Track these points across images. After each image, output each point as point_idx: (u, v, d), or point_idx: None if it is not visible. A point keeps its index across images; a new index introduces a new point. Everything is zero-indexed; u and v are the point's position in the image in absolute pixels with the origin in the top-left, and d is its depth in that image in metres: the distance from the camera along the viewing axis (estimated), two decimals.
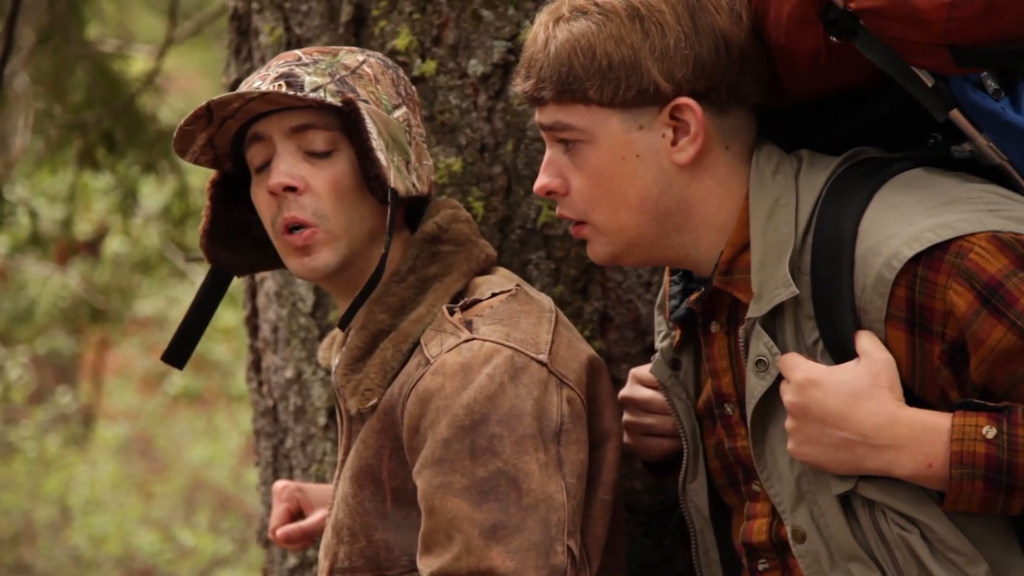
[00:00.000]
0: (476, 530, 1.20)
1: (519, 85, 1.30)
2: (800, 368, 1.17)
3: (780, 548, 1.28)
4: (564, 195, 1.26)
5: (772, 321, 1.23)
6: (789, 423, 1.18)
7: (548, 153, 1.27)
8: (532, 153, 1.58)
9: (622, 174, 1.24)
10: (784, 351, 1.21)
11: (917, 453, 1.15)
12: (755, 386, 1.23)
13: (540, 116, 1.28)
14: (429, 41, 1.56)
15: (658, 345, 1.43)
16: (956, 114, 1.21)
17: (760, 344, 1.21)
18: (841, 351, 1.18)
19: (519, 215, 1.53)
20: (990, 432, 1.08)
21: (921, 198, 1.18)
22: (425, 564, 1.23)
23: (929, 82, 1.20)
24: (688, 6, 1.22)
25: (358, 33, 1.57)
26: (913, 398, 1.17)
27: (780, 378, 1.20)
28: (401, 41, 1.53)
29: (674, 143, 1.21)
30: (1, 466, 5.69)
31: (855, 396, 1.15)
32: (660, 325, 1.45)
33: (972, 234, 1.12)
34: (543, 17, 1.27)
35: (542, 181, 1.27)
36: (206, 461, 5.54)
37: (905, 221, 1.15)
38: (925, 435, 1.14)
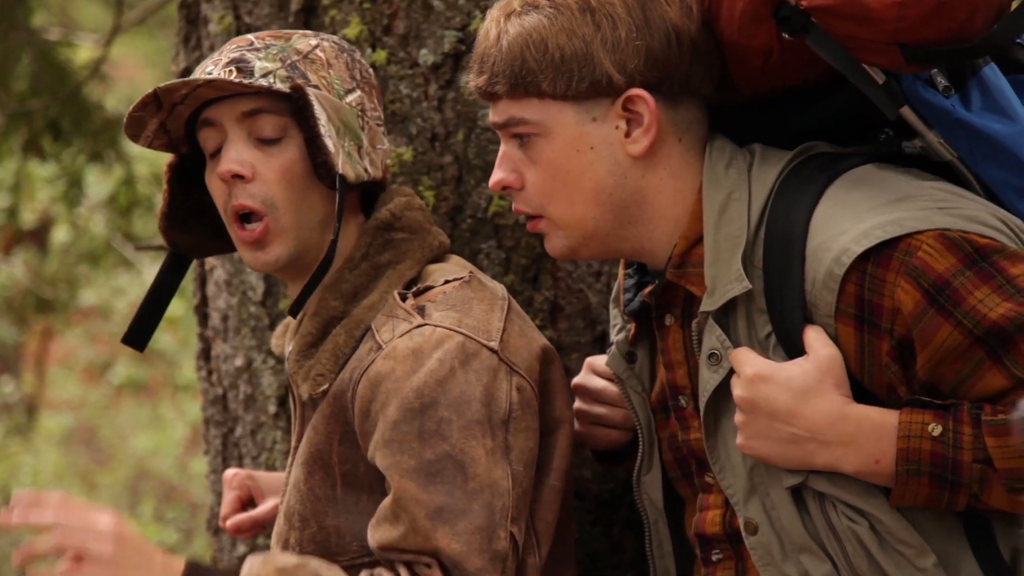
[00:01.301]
0: (423, 511, 1.20)
1: (472, 81, 1.29)
2: (750, 363, 1.17)
3: (734, 539, 1.27)
4: (519, 190, 1.25)
5: (725, 315, 1.23)
6: (738, 417, 1.18)
7: (503, 148, 1.26)
8: (483, 143, 1.57)
9: (577, 166, 1.23)
10: (737, 345, 1.21)
11: (864, 450, 1.15)
12: (708, 379, 1.22)
13: (494, 114, 1.27)
14: (380, 31, 1.55)
15: (613, 338, 1.42)
16: (906, 111, 1.22)
17: (713, 338, 1.21)
18: (793, 345, 1.18)
19: (470, 204, 1.53)
20: (936, 430, 1.09)
21: (871, 195, 1.19)
22: (374, 536, 1.23)
23: (880, 79, 1.20)
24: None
25: (308, 22, 1.56)
26: (862, 392, 1.18)
27: (732, 372, 1.20)
28: (352, 30, 1.52)
29: (628, 135, 1.21)
30: None
31: (803, 393, 1.15)
32: (615, 318, 1.44)
33: (920, 232, 1.12)
34: (494, 12, 1.27)
35: (497, 176, 1.26)
36: (151, 451, 5.48)
37: (855, 218, 1.15)
38: (872, 432, 1.15)
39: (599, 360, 1.45)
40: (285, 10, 1.60)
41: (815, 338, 1.16)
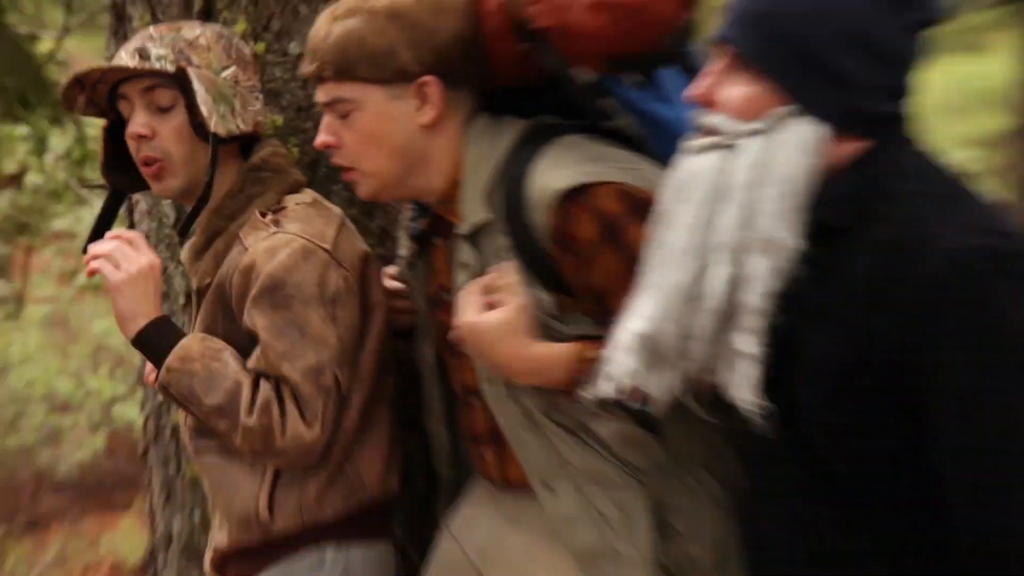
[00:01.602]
0: (273, 353, 1.50)
1: (306, 68, 1.54)
2: (465, 308, 1.41)
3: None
4: (339, 148, 1.52)
5: (477, 237, 1.49)
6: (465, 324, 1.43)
7: (326, 118, 1.53)
8: None
9: (382, 133, 1.50)
10: (486, 258, 1.49)
11: (547, 375, 1.42)
12: (460, 282, 1.49)
13: (321, 94, 1.53)
14: (260, 28, 1.85)
15: (402, 253, 1.82)
16: (605, 102, 1.54)
17: (464, 252, 1.50)
18: (525, 253, 1.45)
19: (324, 158, 1.81)
20: (590, 353, 1.34)
21: (575, 155, 1.44)
22: (248, 364, 1.54)
23: (580, 81, 1.49)
24: (435, 10, 1.45)
25: (206, 20, 1.80)
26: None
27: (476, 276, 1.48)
28: (239, 27, 1.80)
29: (419, 109, 1.46)
30: None
31: (492, 341, 1.40)
32: (403, 240, 1.83)
33: (605, 183, 1.38)
34: (324, 16, 1.51)
35: (322, 138, 1.53)
36: (106, 332, 6.88)
37: (561, 168, 1.40)
38: (550, 362, 1.41)
39: (392, 268, 1.82)
40: (189, 11, 1.85)
41: (509, 292, 1.41)
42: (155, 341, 1.55)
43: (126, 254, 1.54)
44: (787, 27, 1.15)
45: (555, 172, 1.41)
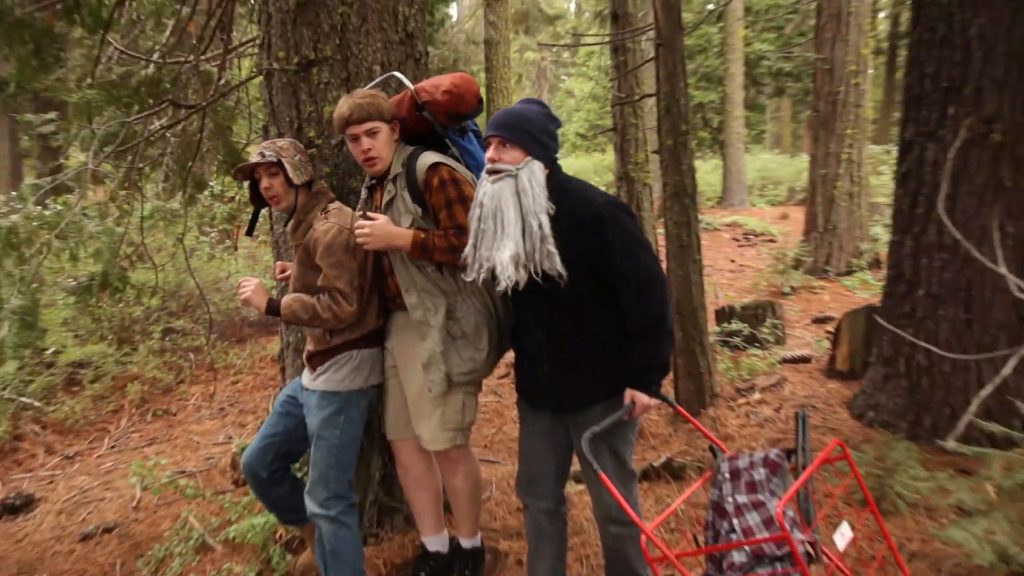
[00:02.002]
0: (330, 277, 3.05)
1: (355, 118, 3.04)
2: (371, 220, 2.97)
3: None
4: (373, 150, 3.06)
5: (396, 179, 3.11)
6: (367, 230, 2.97)
7: (365, 139, 3.05)
8: (351, 157, 3.52)
9: (386, 141, 3.10)
10: (398, 189, 3.09)
11: (403, 242, 3.00)
12: (384, 201, 3.12)
13: (360, 128, 3.05)
14: (316, 123, 4.02)
15: (363, 196, 3.33)
16: (448, 140, 3.27)
17: (389, 186, 3.12)
18: (411, 192, 3.10)
19: (336, 185, 3.81)
20: (422, 235, 2.97)
21: (434, 155, 3.11)
22: (317, 285, 3.09)
23: (440, 129, 3.20)
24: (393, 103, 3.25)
25: (297, 136, 4.01)
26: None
27: (391, 203, 3.11)
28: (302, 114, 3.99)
29: (392, 132, 3.11)
30: None
31: (381, 227, 2.99)
32: (363, 192, 3.33)
33: (445, 164, 3.08)
34: (344, 100, 3.09)
35: (367, 145, 3.06)
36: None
37: (430, 158, 3.12)
38: (405, 237, 2.99)
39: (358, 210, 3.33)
40: (294, 130, 4.02)
41: (380, 217, 3.00)
42: (272, 308, 3.18)
43: (248, 284, 3.22)
44: (524, 126, 2.72)
45: (427, 158, 3.14)
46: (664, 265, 6.40)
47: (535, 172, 2.73)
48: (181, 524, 4.41)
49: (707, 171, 21.86)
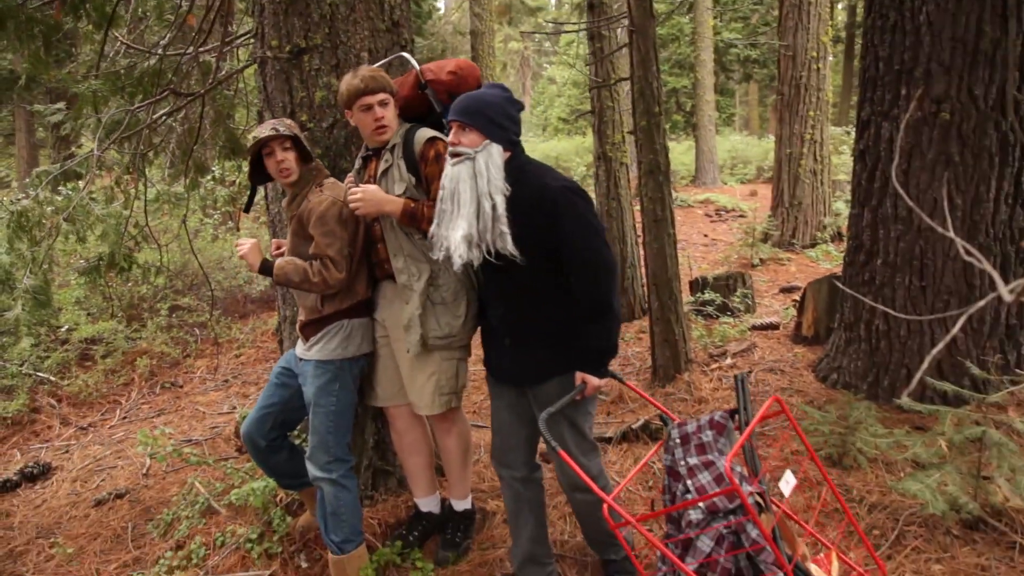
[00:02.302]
0: (321, 245, 3.02)
1: (372, 87, 3.02)
2: (361, 187, 2.96)
3: None
4: (383, 119, 3.06)
5: (394, 148, 3.08)
6: (359, 195, 2.97)
7: (378, 109, 3.03)
8: (347, 134, 3.63)
9: (395, 115, 3.13)
10: (395, 158, 3.06)
11: (393, 208, 2.98)
12: (381, 171, 3.08)
13: (370, 98, 3.02)
14: (309, 108, 3.97)
15: (357, 165, 3.29)
16: (445, 120, 3.11)
17: (387, 155, 3.09)
18: (408, 165, 3.08)
19: (340, 165, 3.82)
20: (411, 204, 2.97)
21: (430, 130, 3.13)
22: (310, 254, 3.08)
23: (439, 107, 3.16)
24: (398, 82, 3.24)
25: (292, 117, 3.95)
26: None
27: (386, 172, 3.07)
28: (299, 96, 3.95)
29: (396, 107, 3.20)
30: None
31: (372, 193, 2.97)
32: (358, 162, 3.28)
33: (440, 139, 3.08)
34: (352, 75, 3.05)
35: (379, 114, 3.04)
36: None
37: (427, 133, 3.10)
38: (394, 204, 2.98)
39: (350, 176, 3.30)
40: (287, 113, 3.99)
41: (370, 185, 3.01)
42: (266, 268, 3.14)
43: (245, 245, 3.18)
44: (483, 110, 2.70)
45: (425, 132, 3.13)
46: (640, 239, 6.38)
47: (492, 155, 2.67)
48: (188, 489, 4.38)
49: (681, 152, 21.80)
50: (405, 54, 3.56)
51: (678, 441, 2.62)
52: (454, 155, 2.69)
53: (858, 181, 4.97)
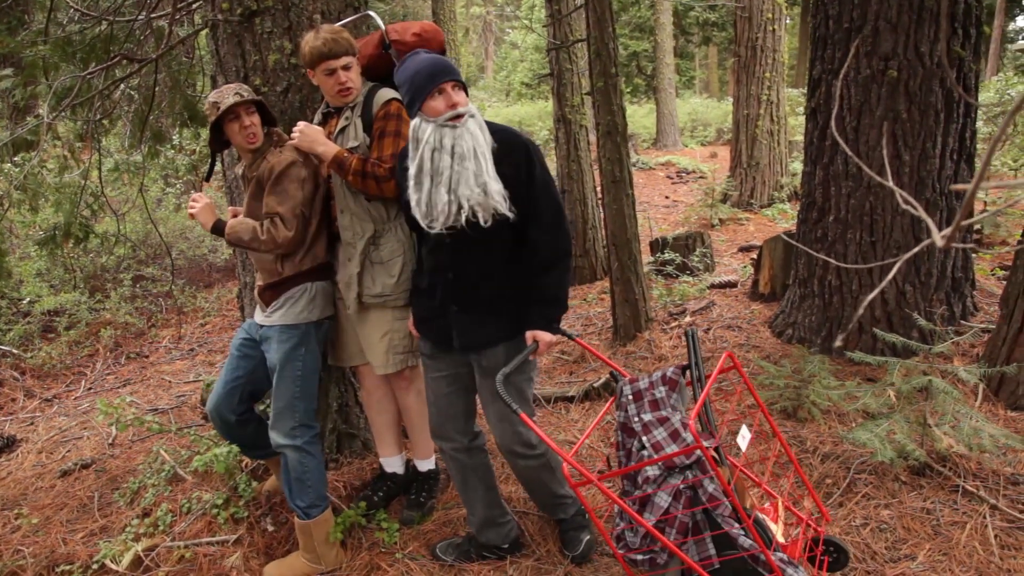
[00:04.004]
0: (273, 203, 2.95)
1: (339, 51, 2.97)
2: (306, 128, 3.01)
3: None
4: (347, 83, 3.02)
5: (354, 108, 3.07)
6: (303, 134, 3.01)
7: (341, 73, 2.99)
8: (303, 98, 3.62)
9: (359, 75, 3.09)
10: (354, 117, 3.04)
11: (327, 154, 2.98)
12: (338, 128, 3.12)
13: (334, 63, 2.95)
14: (263, 71, 3.85)
15: (316, 120, 3.27)
16: None
17: (346, 112, 3.07)
18: (364, 121, 3.06)
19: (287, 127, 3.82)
20: (346, 155, 2.96)
21: (390, 91, 3.09)
22: (263, 214, 3.10)
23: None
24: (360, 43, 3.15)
25: (246, 83, 3.83)
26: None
27: (343, 130, 3.06)
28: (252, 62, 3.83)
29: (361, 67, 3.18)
30: None
31: (313, 134, 3.00)
32: (318, 116, 3.27)
33: (397, 100, 3.01)
34: (314, 35, 2.96)
35: (344, 77, 3.01)
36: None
37: (387, 92, 3.06)
38: (329, 150, 2.97)
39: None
40: (241, 77, 3.86)
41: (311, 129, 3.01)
42: (218, 228, 3.06)
43: (197, 204, 3.10)
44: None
45: (386, 93, 3.09)
46: (600, 200, 6.35)
47: (478, 114, 2.63)
48: (154, 458, 4.32)
49: (642, 115, 21.75)
50: (372, 13, 3.48)
51: (630, 397, 2.61)
52: (458, 116, 2.54)
53: (810, 139, 4.98)
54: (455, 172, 2.51)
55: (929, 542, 2.91)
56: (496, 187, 2.51)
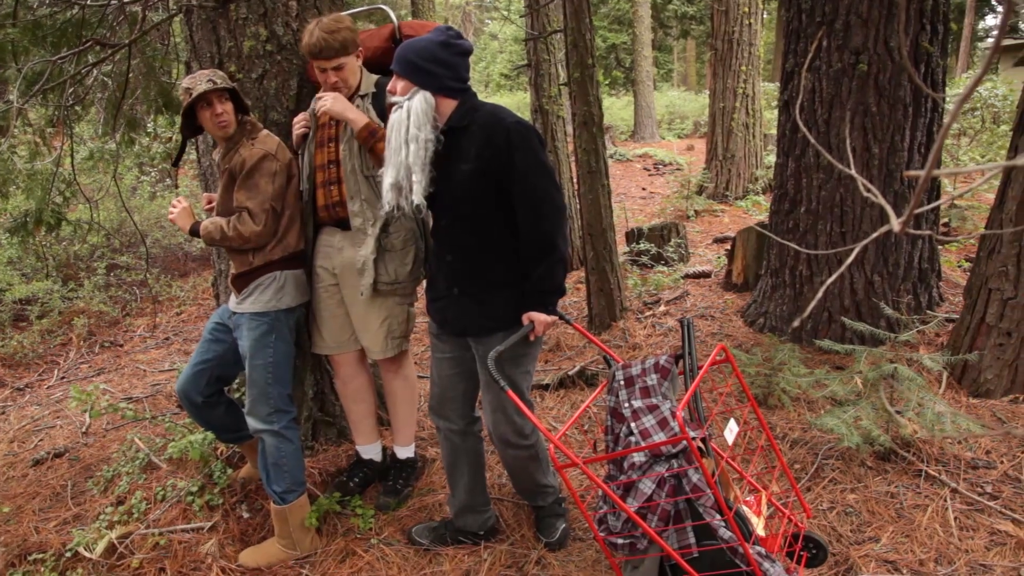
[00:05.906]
0: (242, 196, 2.96)
1: (327, 52, 2.96)
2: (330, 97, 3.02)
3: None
4: (342, 87, 3.06)
5: (366, 96, 3.12)
6: (328, 102, 3.00)
7: (332, 74, 3.03)
8: (278, 85, 3.54)
9: (354, 70, 3.08)
10: (366, 105, 3.11)
11: (356, 123, 2.99)
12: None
13: (324, 63, 2.99)
14: (238, 59, 3.82)
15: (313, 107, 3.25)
16: None
17: (357, 101, 3.16)
18: (376, 106, 3.12)
19: (270, 118, 3.72)
20: (370, 127, 3.01)
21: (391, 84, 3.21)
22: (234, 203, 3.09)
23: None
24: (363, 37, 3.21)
25: (220, 68, 3.80)
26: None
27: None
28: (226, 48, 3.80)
29: (357, 59, 3.14)
30: None
31: (344, 103, 3.01)
32: (315, 101, 3.13)
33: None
34: (313, 28, 2.97)
35: (333, 80, 3.04)
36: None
37: (373, 83, 3.19)
38: (359, 119, 2.98)
39: (303, 115, 3.25)
40: (216, 64, 3.82)
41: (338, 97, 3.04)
42: (195, 230, 3.07)
43: (176, 209, 3.15)
44: (410, 57, 2.64)
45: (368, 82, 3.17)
46: (577, 191, 6.37)
47: (415, 102, 2.62)
48: (128, 446, 4.30)
49: (620, 107, 21.79)
50: (386, 7, 3.48)
51: (622, 383, 2.62)
52: (390, 104, 2.67)
53: (783, 131, 5.04)
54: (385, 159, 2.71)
55: (892, 525, 2.98)
56: (386, 183, 2.65)
